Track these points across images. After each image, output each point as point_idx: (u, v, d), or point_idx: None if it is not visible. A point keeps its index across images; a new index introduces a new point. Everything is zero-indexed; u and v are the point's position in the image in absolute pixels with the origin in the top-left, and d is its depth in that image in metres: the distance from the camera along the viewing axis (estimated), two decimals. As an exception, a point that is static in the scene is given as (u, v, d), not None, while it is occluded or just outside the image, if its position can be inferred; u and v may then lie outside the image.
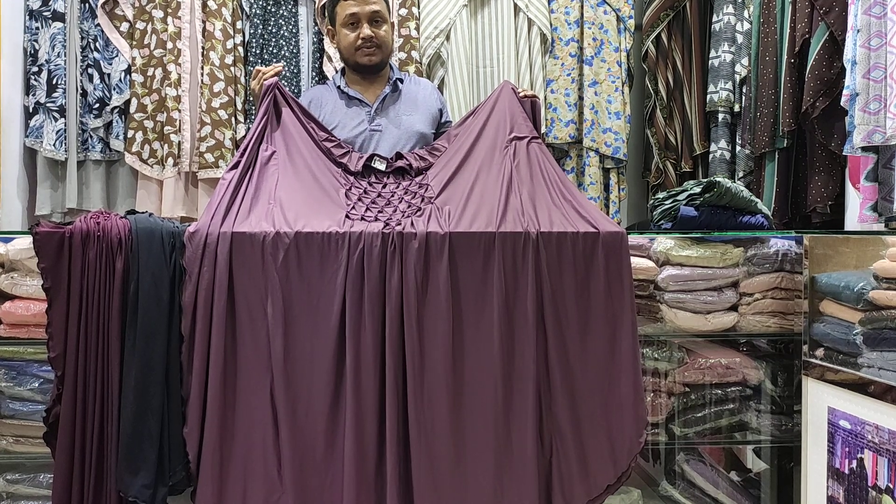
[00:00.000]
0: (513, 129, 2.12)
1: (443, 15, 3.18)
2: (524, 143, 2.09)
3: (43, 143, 2.96)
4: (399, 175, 2.12)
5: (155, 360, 1.75)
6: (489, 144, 2.10)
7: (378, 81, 2.44)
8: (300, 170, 2.03)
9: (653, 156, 3.44)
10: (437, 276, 1.83)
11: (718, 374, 2.15)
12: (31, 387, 1.97)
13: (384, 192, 2.05)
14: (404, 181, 2.10)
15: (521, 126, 2.13)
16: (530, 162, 2.06)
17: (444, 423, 1.81)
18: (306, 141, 2.08)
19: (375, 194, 2.04)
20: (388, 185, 2.08)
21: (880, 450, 1.73)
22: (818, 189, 2.65)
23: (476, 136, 2.13)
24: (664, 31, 3.39)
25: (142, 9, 3.06)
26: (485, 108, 2.19)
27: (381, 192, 2.05)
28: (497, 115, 2.15)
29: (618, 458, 1.87)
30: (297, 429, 1.80)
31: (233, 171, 1.98)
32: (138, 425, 1.73)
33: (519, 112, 2.15)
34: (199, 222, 1.85)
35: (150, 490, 1.72)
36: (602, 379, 1.88)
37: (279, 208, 1.90)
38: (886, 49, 2.17)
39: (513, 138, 2.10)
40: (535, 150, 2.09)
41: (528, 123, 2.14)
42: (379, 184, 2.09)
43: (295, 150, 2.06)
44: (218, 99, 3.03)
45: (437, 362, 1.82)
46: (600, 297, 1.88)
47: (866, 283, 1.84)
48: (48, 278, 1.75)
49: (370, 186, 2.07)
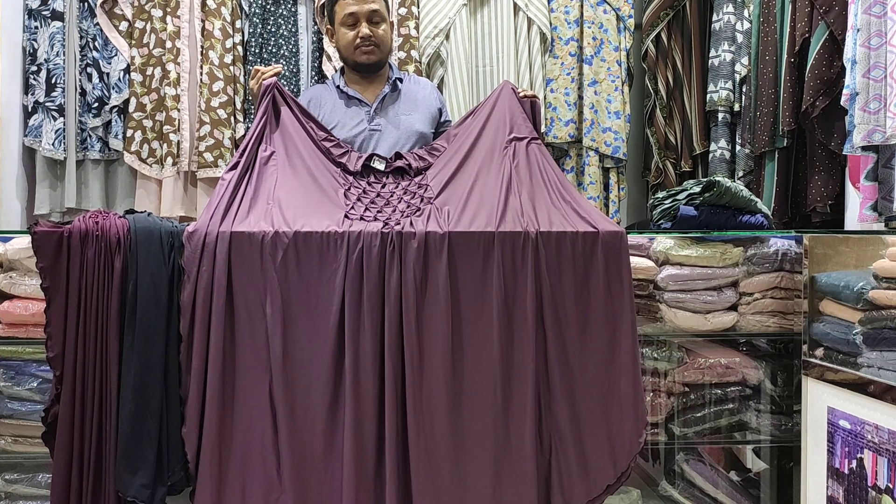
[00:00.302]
0: (512, 129, 2.12)
1: (442, 14, 3.18)
2: (524, 144, 2.09)
3: (42, 142, 2.96)
4: (398, 175, 2.12)
5: (153, 359, 1.74)
6: (489, 145, 2.10)
7: (377, 81, 2.44)
8: (299, 170, 2.03)
9: (652, 155, 3.43)
10: (437, 276, 1.82)
11: (718, 374, 2.15)
12: (29, 386, 1.96)
13: (383, 192, 2.05)
14: (403, 181, 2.10)
15: (520, 126, 2.13)
16: (530, 163, 2.06)
17: (443, 423, 1.81)
18: (305, 141, 2.08)
19: (374, 194, 2.03)
20: (388, 184, 2.08)
21: (880, 450, 1.73)
22: (818, 188, 2.65)
23: (476, 136, 2.13)
24: (664, 31, 3.39)
25: (141, 8, 3.06)
26: (484, 108, 2.19)
27: (380, 191, 2.05)
28: (497, 116, 2.15)
29: (617, 458, 1.87)
30: (296, 428, 1.80)
31: (232, 172, 1.98)
32: (137, 425, 1.72)
33: (519, 112, 2.15)
34: (199, 222, 1.85)
35: (149, 490, 1.72)
36: (601, 378, 1.87)
37: (278, 208, 1.90)
38: (886, 48, 2.17)
39: (512, 139, 2.10)
40: (535, 151, 2.09)
41: (527, 124, 2.14)
42: (378, 184, 2.08)
43: (294, 151, 2.06)
44: (217, 98, 3.03)
45: (437, 362, 1.81)
46: (600, 296, 1.87)
47: (866, 283, 1.84)
48: (47, 278, 1.74)
49: (369, 186, 2.07)
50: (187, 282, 1.80)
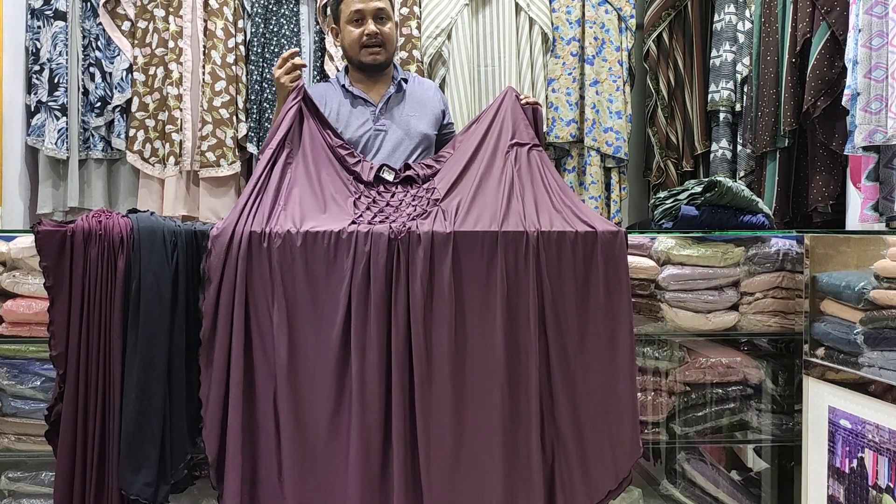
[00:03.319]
0: (514, 135, 2.13)
1: (444, 14, 3.19)
2: (525, 150, 2.10)
3: (45, 141, 2.97)
4: (407, 184, 2.13)
5: (156, 358, 1.75)
6: (491, 149, 2.11)
7: (382, 80, 2.44)
8: (312, 176, 2.03)
9: (654, 155, 3.44)
10: (442, 279, 1.83)
11: (719, 374, 2.15)
12: (32, 385, 1.97)
13: (392, 201, 2.05)
14: (412, 189, 2.11)
15: (522, 133, 2.14)
16: (531, 168, 2.07)
17: (449, 431, 1.81)
18: (323, 147, 2.09)
19: (384, 203, 2.04)
20: (397, 194, 2.09)
21: (881, 449, 1.73)
22: (819, 188, 2.65)
23: (479, 141, 2.14)
24: (665, 31, 3.40)
25: (143, 7, 3.06)
26: (488, 114, 2.20)
27: (389, 200, 2.06)
28: (499, 121, 2.16)
29: (619, 463, 1.86)
30: (299, 436, 1.80)
31: (258, 174, 1.99)
32: (140, 423, 1.72)
33: (521, 118, 2.16)
34: (224, 224, 1.85)
35: (152, 488, 1.72)
36: (602, 383, 1.87)
37: (288, 213, 1.90)
38: (888, 49, 2.17)
39: (514, 144, 2.11)
40: (536, 157, 2.10)
41: (529, 130, 2.15)
42: (388, 193, 2.09)
43: (311, 156, 2.06)
44: (219, 98, 3.04)
45: (444, 368, 1.82)
46: (599, 299, 1.87)
47: (867, 283, 1.84)
48: (50, 277, 1.75)
49: (379, 196, 2.08)
50: (209, 284, 1.80)
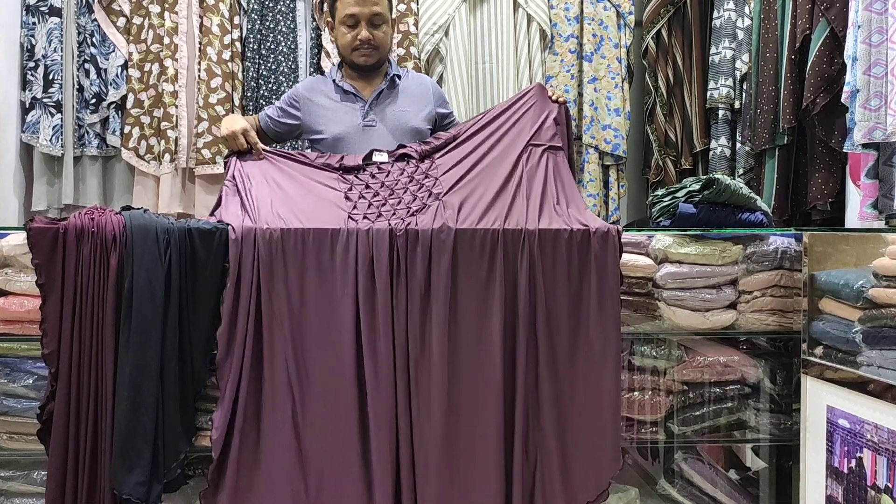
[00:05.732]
0: (533, 135, 2.11)
1: (442, 11, 3.17)
2: (539, 151, 2.09)
3: (39, 138, 2.95)
4: (403, 160, 2.10)
5: (149, 356, 1.73)
6: (504, 148, 2.09)
7: (376, 78, 2.42)
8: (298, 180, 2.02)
9: (652, 153, 3.43)
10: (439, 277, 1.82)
11: (717, 373, 2.14)
12: (24, 383, 1.95)
13: (388, 182, 2.02)
14: (409, 167, 2.07)
15: (541, 133, 2.11)
16: (543, 170, 2.05)
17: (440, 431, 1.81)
18: (295, 164, 2.07)
19: (379, 185, 2.00)
20: (392, 172, 2.06)
21: (879, 449, 1.72)
22: (818, 186, 2.64)
23: (495, 138, 2.11)
24: (664, 28, 3.38)
25: (139, 4, 3.05)
26: (509, 110, 2.17)
27: (384, 181, 2.02)
28: (518, 118, 2.14)
29: (599, 475, 1.88)
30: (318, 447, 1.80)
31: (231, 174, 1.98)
32: (133, 422, 1.71)
33: (543, 118, 2.14)
34: (244, 224, 1.84)
35: (145, 487, 1.71)
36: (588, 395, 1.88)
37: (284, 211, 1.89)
38: (887, 45, 2.16)
39: (530, 144, 2.09)
40: (550, 159, 2.08)
41: (550, 132, 2.12)
42: (382, 173, 2.06)
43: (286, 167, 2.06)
44: (215, 94, 3.02)
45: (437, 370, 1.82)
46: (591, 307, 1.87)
47: (866, 281, 1.83)
48: (42, 274, 1.74)
49: (372, 179, 2.04)
50: (230, 284, 1.79)
